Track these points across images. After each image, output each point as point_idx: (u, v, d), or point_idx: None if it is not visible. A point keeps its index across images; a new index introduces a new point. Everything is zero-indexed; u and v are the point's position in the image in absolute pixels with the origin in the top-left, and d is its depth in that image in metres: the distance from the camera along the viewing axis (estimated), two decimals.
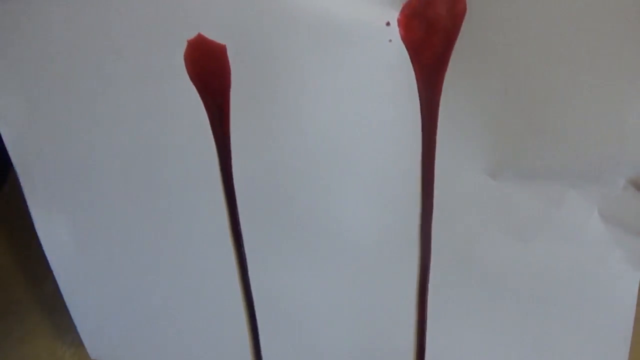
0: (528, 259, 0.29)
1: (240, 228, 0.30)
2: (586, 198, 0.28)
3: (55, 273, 0.35)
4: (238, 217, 0.30)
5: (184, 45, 0.26)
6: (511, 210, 0.28)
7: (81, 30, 0.27)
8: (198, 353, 0.36)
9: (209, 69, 0.27)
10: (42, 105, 0.29)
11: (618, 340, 0.30)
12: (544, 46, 0.25)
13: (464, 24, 0.25)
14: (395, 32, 0.25)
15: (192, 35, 0.26)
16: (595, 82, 0.25)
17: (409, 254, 0.30)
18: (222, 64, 0.26)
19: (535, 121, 0.26)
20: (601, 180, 0.27)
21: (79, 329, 0.37)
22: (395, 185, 0.28)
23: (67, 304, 0.36)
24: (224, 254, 0.32)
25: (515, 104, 0.26)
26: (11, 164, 0.32)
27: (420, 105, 0.26)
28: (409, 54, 0.25)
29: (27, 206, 0.33)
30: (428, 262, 0.30)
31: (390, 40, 0.25)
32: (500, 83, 0.26)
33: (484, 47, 0.25)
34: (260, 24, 0.26)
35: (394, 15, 0.25)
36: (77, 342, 0.40)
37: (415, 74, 0.26)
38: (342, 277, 0.31)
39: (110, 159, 0.30)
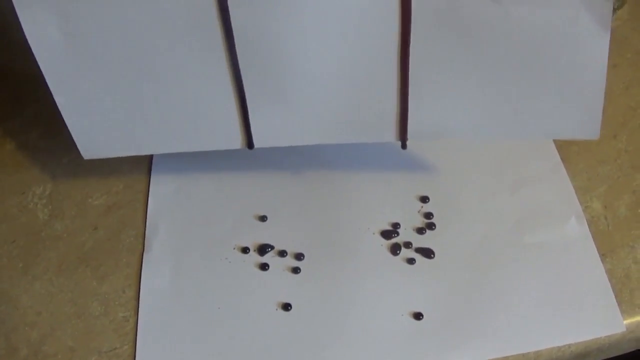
0: (506, 20, 0.30)
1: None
2: None
3: (45, 74, 0.36)
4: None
5: None
6: None
7: None
8: (189, 131, 0.38)
9: None
10: None
11: (593, 98, 0.33)
12: None
13: None
14: None
15: None
16: None
17: (391, 13, 0.31)
18: None
19: None
20: None
21: (72, 131, 0.38)
22: None
23: (60, 106, 0.37)
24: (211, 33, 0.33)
25: None
26: None
27: None
28: None
29: None
30: (409, 24, 0.31)
31: None
32: None
33: None
34: None
35: None
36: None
37: None
38: (328, 37, 0.33)
39: None
